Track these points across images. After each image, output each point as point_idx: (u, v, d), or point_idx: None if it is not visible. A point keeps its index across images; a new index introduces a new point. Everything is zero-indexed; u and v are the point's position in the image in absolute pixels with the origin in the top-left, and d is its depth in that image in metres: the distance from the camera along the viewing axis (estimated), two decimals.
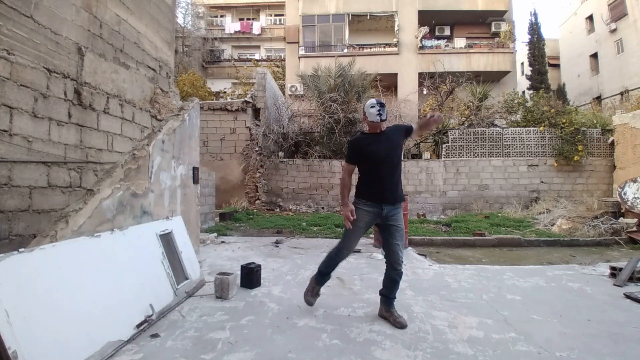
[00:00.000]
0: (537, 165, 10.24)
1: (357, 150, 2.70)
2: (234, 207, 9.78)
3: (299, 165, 10.82)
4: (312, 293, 2.84)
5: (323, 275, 2.85)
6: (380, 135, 2.67)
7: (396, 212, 2.66)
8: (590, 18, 19.01)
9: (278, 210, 10.35)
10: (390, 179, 2.63)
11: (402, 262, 2.67)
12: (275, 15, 23.70)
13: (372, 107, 2.62)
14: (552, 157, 10.17)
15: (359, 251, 5.26)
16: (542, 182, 10.17)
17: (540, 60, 18.90)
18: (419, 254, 5.14)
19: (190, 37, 21.57)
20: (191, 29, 22.02)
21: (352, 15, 16.77)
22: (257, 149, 10.76)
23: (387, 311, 2.72)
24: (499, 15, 16.48)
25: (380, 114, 2.59)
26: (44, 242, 2.20)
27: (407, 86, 15.47)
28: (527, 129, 10.45)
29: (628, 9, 16.25)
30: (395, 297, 2.74)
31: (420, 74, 15.35)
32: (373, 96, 11.87)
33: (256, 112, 11.23)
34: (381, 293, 2.78)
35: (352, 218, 2.58)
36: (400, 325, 2.60)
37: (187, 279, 3.20)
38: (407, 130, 2.78)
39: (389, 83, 14.73)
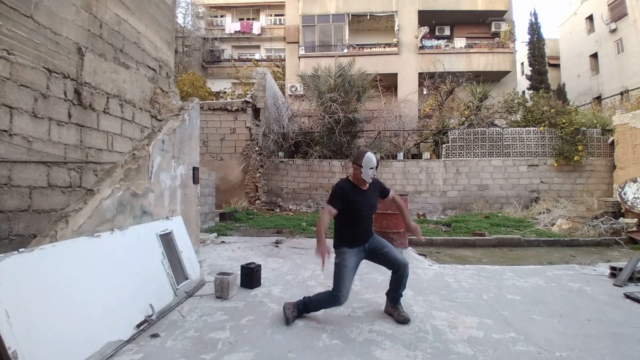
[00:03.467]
0: (537, 165, 10.24)
1: (344, 198, 2.72)
2: (234, 207, 9.77)
3: (299, 165, 10.82)
4: (292, 314, 2.68)
5: (307, 310, 2.75)
6: (366, 190, 2.78)
7: (373, 240, 2.84)
8: (590, 18, 19.00)
9: (278, 210, 10.34)
10: (367, 226, 2.82)
11: (405, 262, 2.75)
12: (275, 15, 23.70)
13: (371, 168, 2.67)
14: (552, 157, 10.17)
15: None
16: (542, 182, 10.17)
17: (540, 60, 18.91)
18: (419, 254, 5.14)
19: (190, 37, 21.56)
20: (191, 29, 22.01)
21: (352, 15, 16.77)
22: (257, 149, 10.76)
23: (393, 307, 2.80)
24: (499, 15, 16.48)
25: (374, 178, 2.74)
26: (44, 242, 2.20)
27: (407, 86, 15.48)
28: (527, 129, 10.44)
29: (628, 9, 16.26)
30: (401, 295, 2.82)
31: (420, 74, 15.35)
32: (373, 96, 11.87)
33: (256, 112, 11.23)
34: (387, 294, 2.85)
35: (327, 256, 2.51)
36: (402, 319, 2.67)
37: (187, 279, 3.20)
38: (382, 192, 2.91)
39: (389, 83, 14.73)
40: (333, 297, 2.64)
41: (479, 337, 2.44)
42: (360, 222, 2.76)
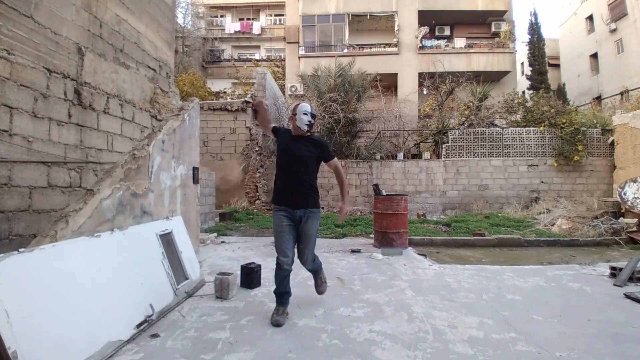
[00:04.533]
0: (537, 165, 10.24)
1: (279, 131, 2.86)
2: (234, 207, 9.77)
3: None
4: (277, 314, 2.66)
5: (278, 295, 2.73)
6: (304, 139, 2.75)
7: (309, 217, 2.68)
8: (590, 18, 19.01)
9: None
10: (296, 189, 2.65)
11: (311, 260, 2.81)
12: (275, 15, 23.71)
13: (305, 114, 2.64)
14: (552, 157, 10.17)
15: (358, 251, 5.27)
16: (542, 182, 10.17)
17: (540, 60, 18.91)
18: (419, 254, 5.14)
19: (190, 37, 21.56)
20: (191, 29, 22.01)
21: (352, 15, 16.77)
22: (257, 149, 10.76)
23: (313, 277, 3.02)
24: (499, 15, 16.48)
25: (309, 124, 2.68)
26: (44, 242, 2.20)
27: (407, 86, 15.48)
28: (527, 129, 10.44)
29: (628, 9, 16.26)
30: (317, 271, 2.98)
31: (420, 74, 15.35)
32: (373, 96, 11.88)
33: (256, 112, 11.22)
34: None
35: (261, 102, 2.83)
36: (318, 292, 3.00)
37: (187, 279, 3.20)
38: (323, 153, 2.77)
39: (389, 83, 14.73)
40: (276, 264, 2.67)
41: (479, 337, 2.44)
42: (288, 176, 2.67)
